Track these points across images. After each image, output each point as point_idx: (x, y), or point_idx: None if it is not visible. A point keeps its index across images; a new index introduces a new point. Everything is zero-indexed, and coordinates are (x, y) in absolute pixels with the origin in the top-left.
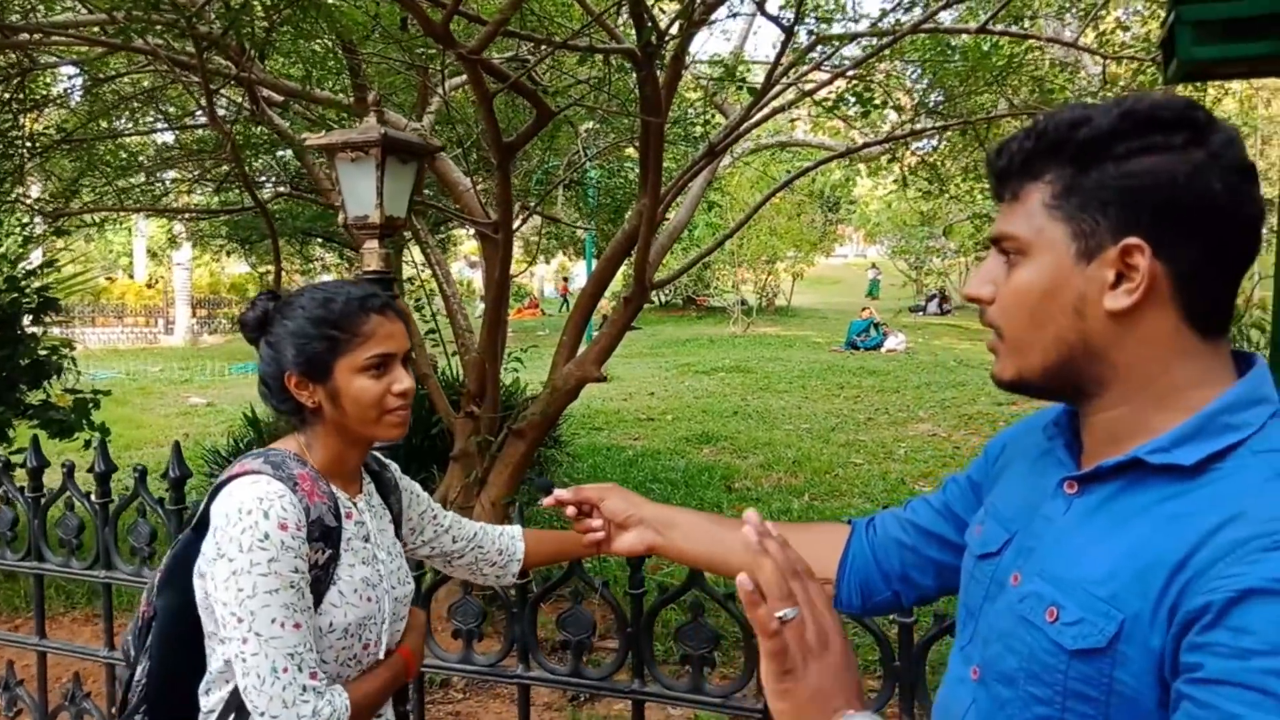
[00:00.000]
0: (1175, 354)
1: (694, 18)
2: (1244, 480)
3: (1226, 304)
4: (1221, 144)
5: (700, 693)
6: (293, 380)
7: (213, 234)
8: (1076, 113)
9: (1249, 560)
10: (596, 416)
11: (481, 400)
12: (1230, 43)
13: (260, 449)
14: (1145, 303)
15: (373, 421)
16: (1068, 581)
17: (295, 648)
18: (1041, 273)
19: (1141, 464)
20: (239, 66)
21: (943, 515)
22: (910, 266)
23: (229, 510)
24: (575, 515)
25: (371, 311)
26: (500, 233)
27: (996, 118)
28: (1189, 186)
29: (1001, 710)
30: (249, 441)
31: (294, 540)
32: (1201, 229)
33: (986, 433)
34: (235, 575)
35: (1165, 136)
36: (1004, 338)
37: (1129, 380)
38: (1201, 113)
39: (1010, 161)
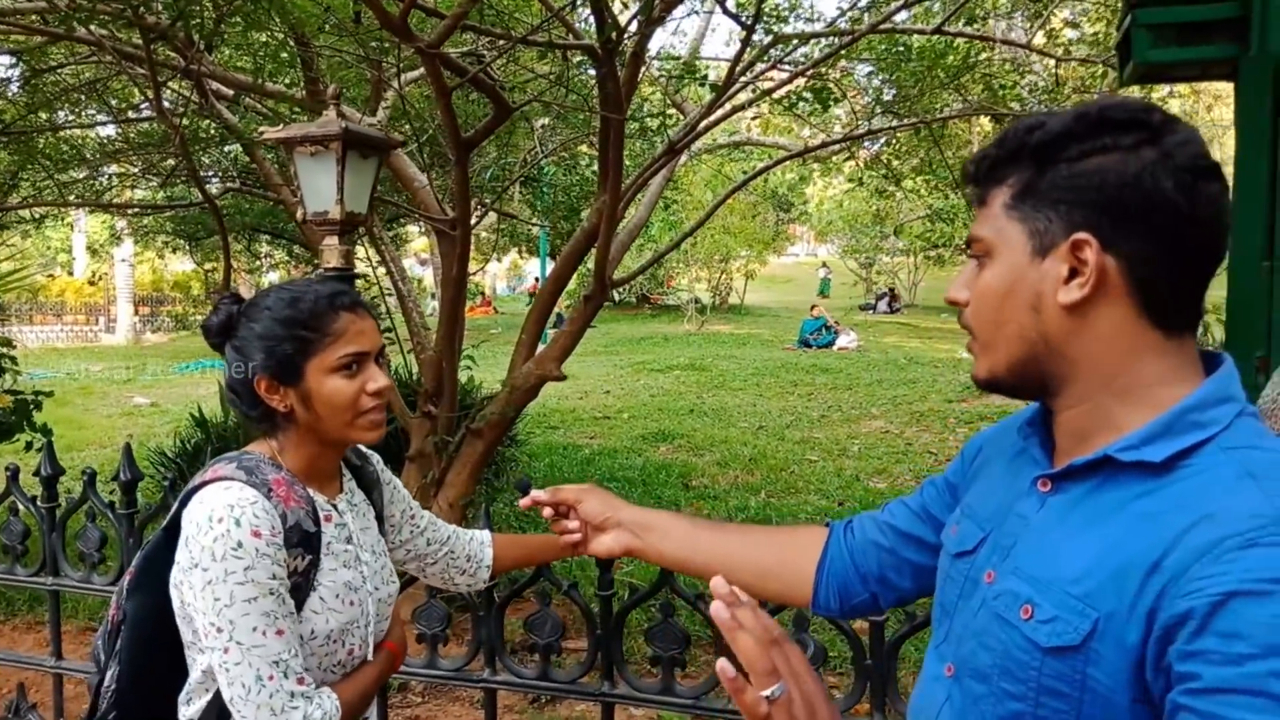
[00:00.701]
0: (1135, 349)
1: (654, 14)
2: (1213, 478)
3: (1190, 301)
4: (1176, 143)
5: (670, 694)
6: (262, 384)
7: (157, 230)
8: (1035, 120)
9: (1226, 560)
10: (552, 415)
11: (438, 399)
12: (1184, 46)
13: (233, 452)
14: (1098, 296)
15: (347, 424)
16: (1043, 579)
17: (279, 654)
18: (1002, 272)
19: (1112, 461)
20: (187, 58)
21: (920, 517)
22: (860, 265)
23: (200, 519)
24: (552, 516)
25: (341, 309)
26: (458, 229)
27: (951, 118)
28: (1137, 184)
29: (975, 706)
30: (196, 442)
31: (269, 547)
32: (1152, 224)
33: (937, 430)
34: (211, 585)
35: (1116, 137)
36: (976, 338)
37: (1090, 375)
38: (1158, 114)
39: (979, 168)
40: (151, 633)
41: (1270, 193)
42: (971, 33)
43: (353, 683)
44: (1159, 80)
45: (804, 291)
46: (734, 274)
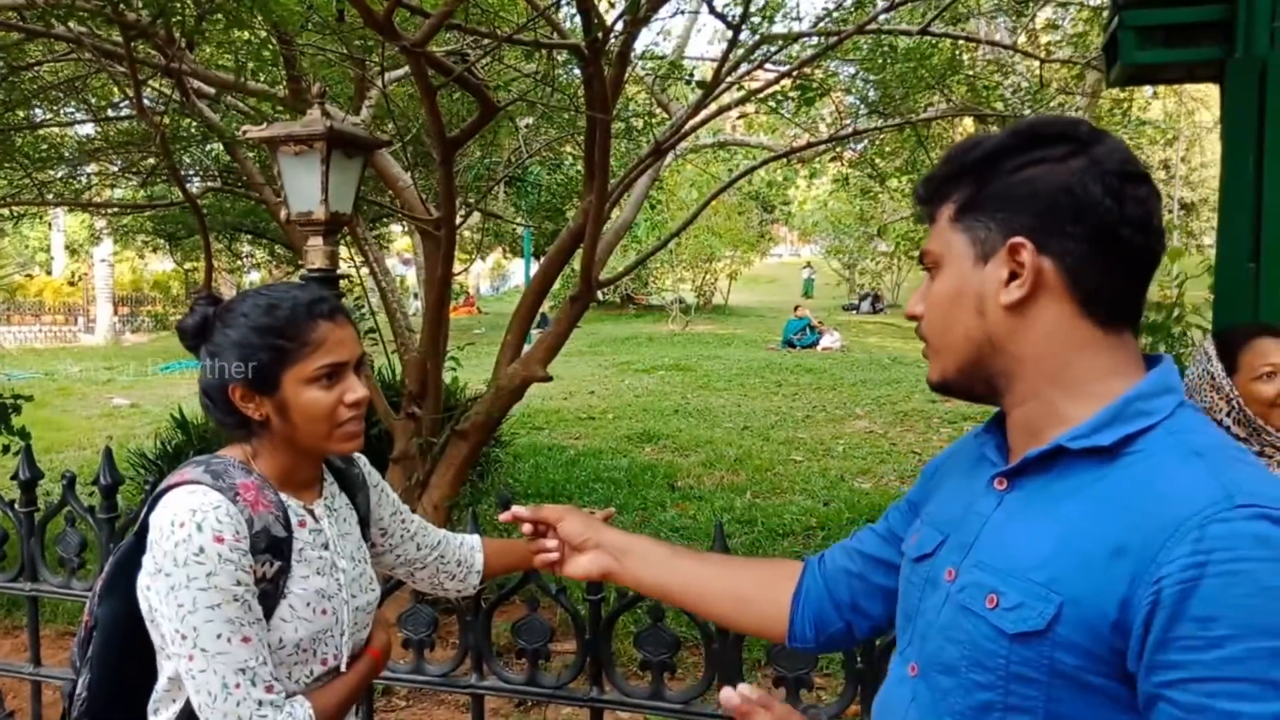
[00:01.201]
0: (1076, 345)
1: (640, 14)
2: (1161, 459)
3: (1126, 298)
4: (1103, 152)
5: (660, 699)
6: (237, 393)
7: (137, 229)
8: (973, 140)
9: (1186, 539)
10: (537, 416)
11: (423, 401)
12: (1171, 48)
13: (202, 456)
14: (1037, 296)
15: (324, 435)
16: (1005, 569)
17: (245, 662)
18: (949, 280)
19: (1064, 451)
20: (168, 56)
21: (886, 540)
22: (844, 266)
23: (163, 523)
24: (531, 534)
25: (320, 318)
26: (443, 229)
27: (936, 118)
28: (1068, 190)
29: (944, 700)
30: (177, 444)
31: (232, 552)
32: (1083, 226)
33: (921, 429)
34: (174, 591)
35: (1047, 150)
36: (929, 344)
37: (1035, 372)
38: (1085, 128)
39: (927, 190)
40: (123, 639)
41: (1256, 194)
42: (957, 33)
43: (330, 691)
44: (1146, 82)
45: (788, 292)
46: (718, 274)
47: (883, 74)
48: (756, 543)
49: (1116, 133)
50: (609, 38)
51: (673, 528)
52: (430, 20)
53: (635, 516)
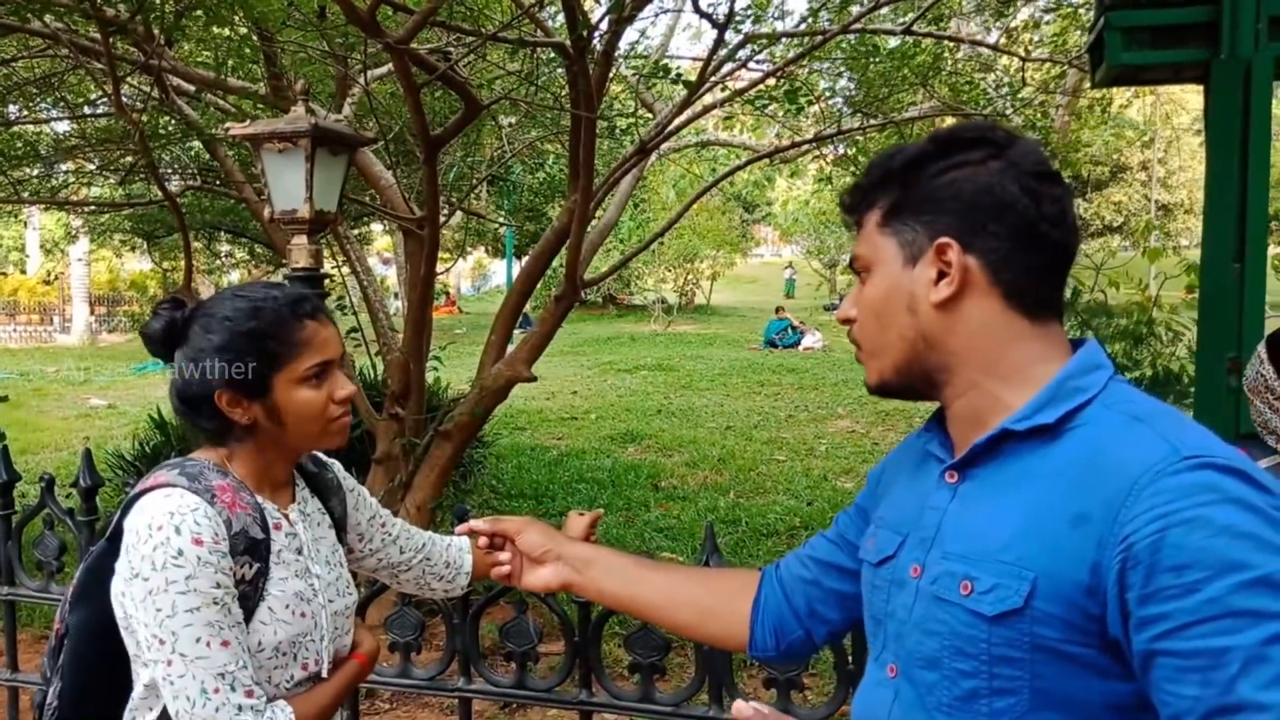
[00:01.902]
0: (1008, 336)
1: (625, 12)
2: (1104, 427)
3: (1048, 289)
4: (1019, 154)
5: (650, 701)
6: (224, 399)
7: (114, 228)
8: (895, 148)
9: (1144, 496)
10: (519, 416)
11: (406, 401)
12: (1157, 49)
13: (177, 459)
14: (965, 292)
15: (316, 434)
16: (974, 555)
17: (225, 666)
18: (880, 283)
19: (1010, 435)
20: (147, 53)
21: (838, 545)
22: (825, 266)
23: (139, 527)
24: (487, 547)
25: (305, 318)
26: (426, 228)
27: (920, 118)
28: (989, 190)
29: (929, 695)
30: (155, 445)
31: (212, 555)
32: (1004, 224)
33: (903, 429)
34: (152, 595)
35: (967, 154)
36: (863, 348)
37: (970, 364)
38: (1000, 133)
39: (853, 198)
40: (95, 646)
41: (1240, 195)
42: (939, 33)
43: (313, 696)
44: (1131, 83)
45: (769, 292)
46: (700, 274)
47: (866, 73)
48: (741, 543)
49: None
50: (594, 36)
51: (656, 528)
52: (414, 17)
53: (619, 517)
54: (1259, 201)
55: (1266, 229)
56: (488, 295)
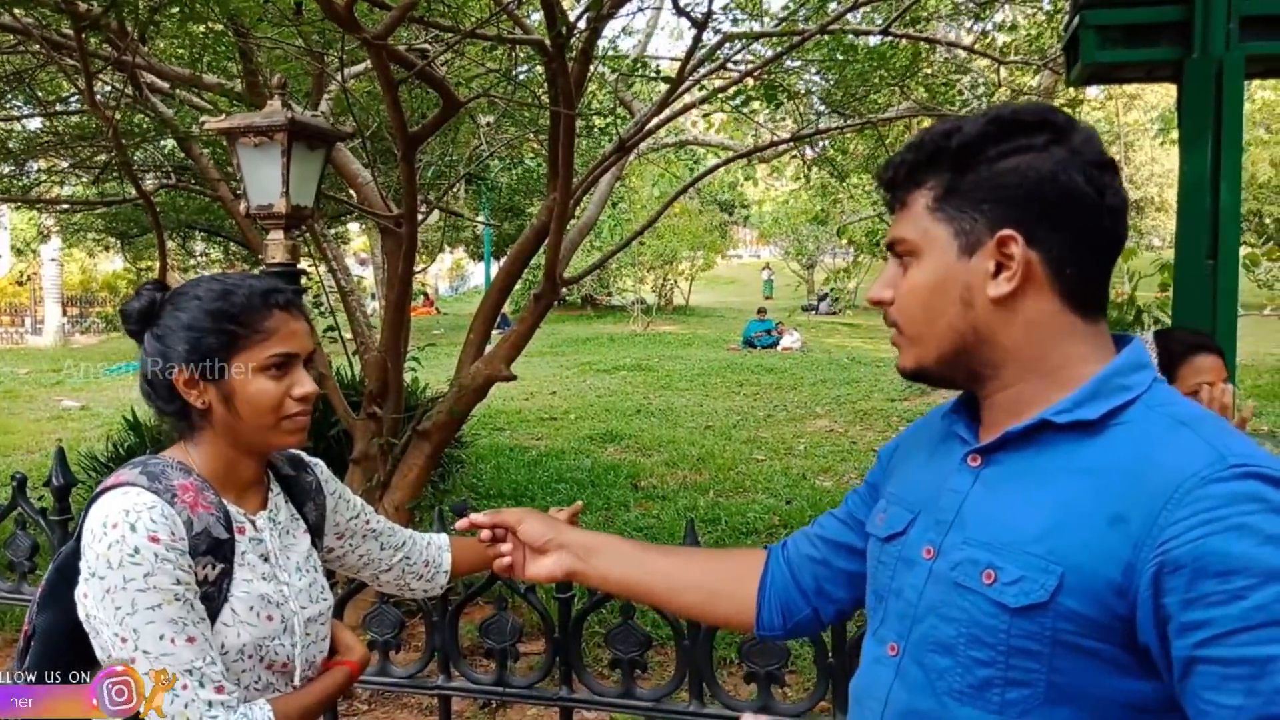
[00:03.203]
0: (1060, 333)
1: (604, 10)
2: (1146, 428)
3: (1101, 286)
4: (1081, 141)
5: (631, 697)
6: (182, 378)
7: (87, 227)
8: (950, 124)
9: (1189, 501)
10: (498, 416)
11: (383, 401)
12: (1130, 48)
13: (140, 458)
14: (1024, 288)
15: (269, 427)
16: (1001, 544)
17: (191, 663)
18: (931, 270)
19: (1048, 425)
20: (120, 49)
21: (848, 525)
22: (803, 267)
23: (94, 526)
24: (489, 539)
25: (275, 307)
26: (404, 226)
27: (898, 118)
28: (1054, 180)
29: (940, 680)
30: (130, 446)
31: (169, 552)
32: (1069, 217)
33: (880, 428)
34: (110, 594)
35: (1029, 138)
36: (903, 332)
37: (1020, 360)
38: (1060, 115)
39: (896, 174)
40: (62, 648)
41: (1213, 193)
42: (916, 34)
43: (295, 699)
44: (1105, 81)
45: (748, 293)
46: (678, 275)
47: (844, 73)
48: (721, 541)
49: None
50: (573, 33)
51: (636, 527)
52: (392, 13)
53: (599, 517)
54: (1230, 199)
55: (1239, 226)
56: (466, 296)
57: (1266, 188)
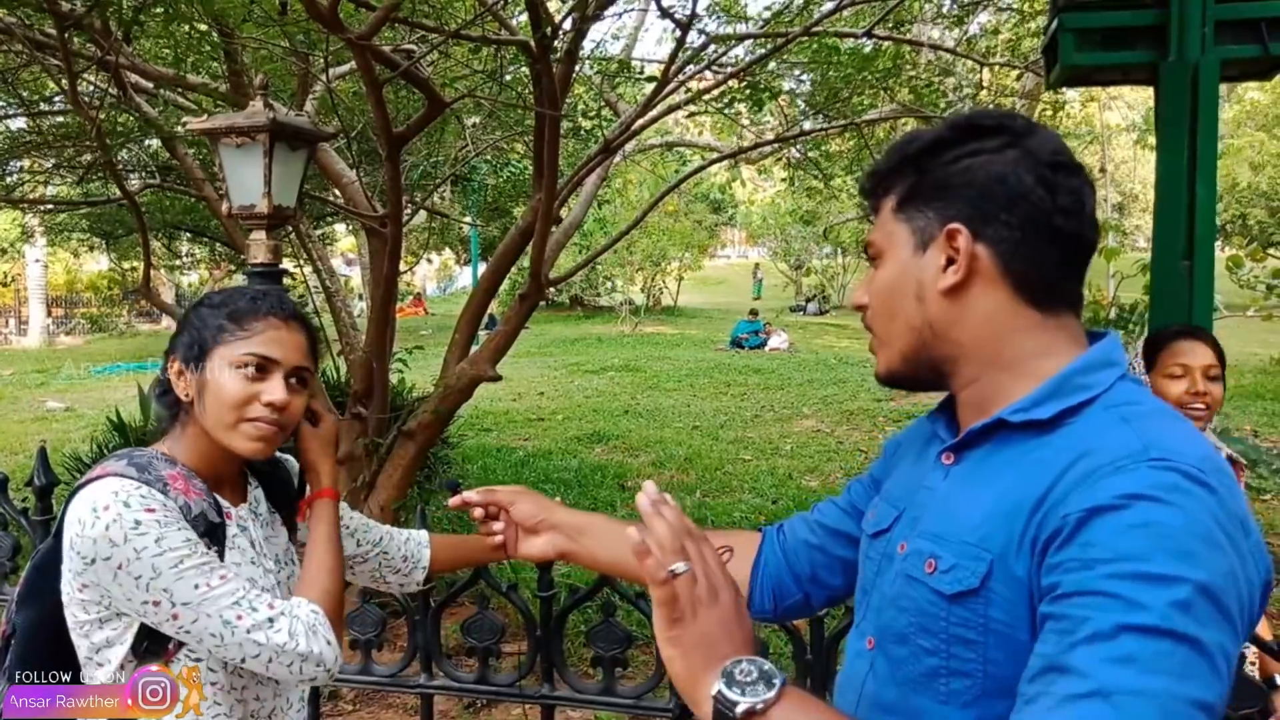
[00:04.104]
0: (1015, 327)
1: (589, 11)
2: (1093, 426)
3: (1061, 281)
4: (1036, 143)
5: (612, 694)
6: (174, 367)
7: (71, 227)
8: (913, 133)
9: (1094, 484)
10: (485, 417)
11: (368, 401)
12: (1107, 51)
13: (123, 450)
14: (973, 281)
15: (228, 426)
16: (944, 535)
17: (234, 594)
18: (891, 269)
19: (1005, 424)
20: (104, 48)
21: (848, 513)
22: (791, 267)
23: (82, 515)
24: (482, 518)
25: (269, 313)
26: (389, 226)
27: (880, 119)
28: (1002, 179)
29: (899, 670)
30: (114, 447)
31: (168, 516)
32: (1016, 214)
33: (867, 428)
34: (123, 568)
35: (983, 141)
36: (876, 336)
37: (977, 354)
38: (1020, 120)
39: (871, 183)
40: (42, 646)
41: (1189, 194)
42: (899, 37)
43: (309, 573)
44: (1083, 83)
45: (737, 293)
46: (667, 275)
47: (828, 76)
48: None
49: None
50: (558, 34)
51: None
52: (375, 14)
53: None
54: (1206, 199)
55: (1214, 227)
56: (454, 296)
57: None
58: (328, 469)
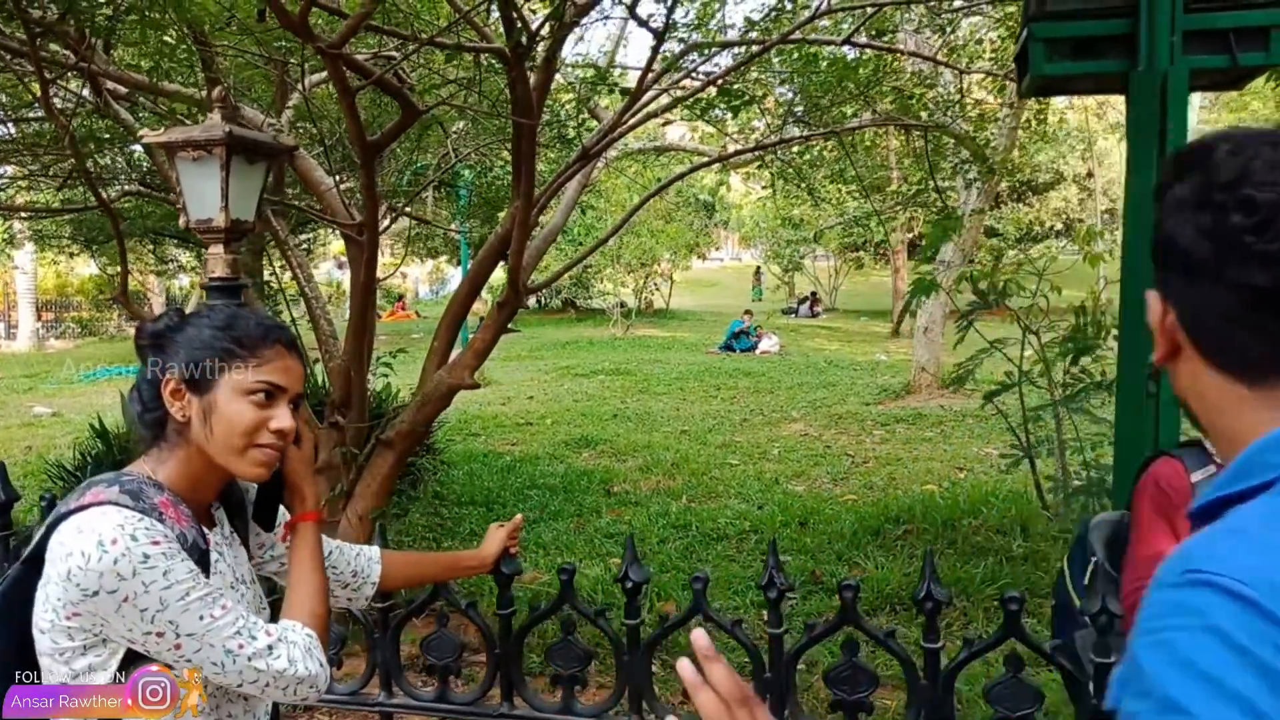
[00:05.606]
0: (1215, 403)
1: (565, 19)
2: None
3: (1261, 342)
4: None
5: (571, 713)
6: (169, 386)
7: (56, 234)
8: None
9: (1145, 604)
10: (473, 422)
11: (347, 409)
12: (1077, 60)
13: (111, 473)
14: (1175, 352)
15: (237, 451)
16: None
17: (235, 624)
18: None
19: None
20: (79, 55)
21: None
22: (783, 270)
23: (86, 548)
24: None
25: (278, 342)
26: (365, 234)
27: (860, 127)
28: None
29: None
30: (96, 454)
31: (172, 548)
32: (1178, 266)
33: (855, 432)
34: (129, 601)
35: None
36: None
37: (1209, 432)
38: (1220, 149)
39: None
40: (9, 676)
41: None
42: (879, 45)
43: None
44: (1056, 92)
45: (730, 295)
46: (658, 277)
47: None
48: (690, 548)
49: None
50: (534, 42)
51: (606, 534)
52: (347, 22)
53: (570, 523)
54: None
55: None
56: (446, 299)
57: None
58: (312, 492)
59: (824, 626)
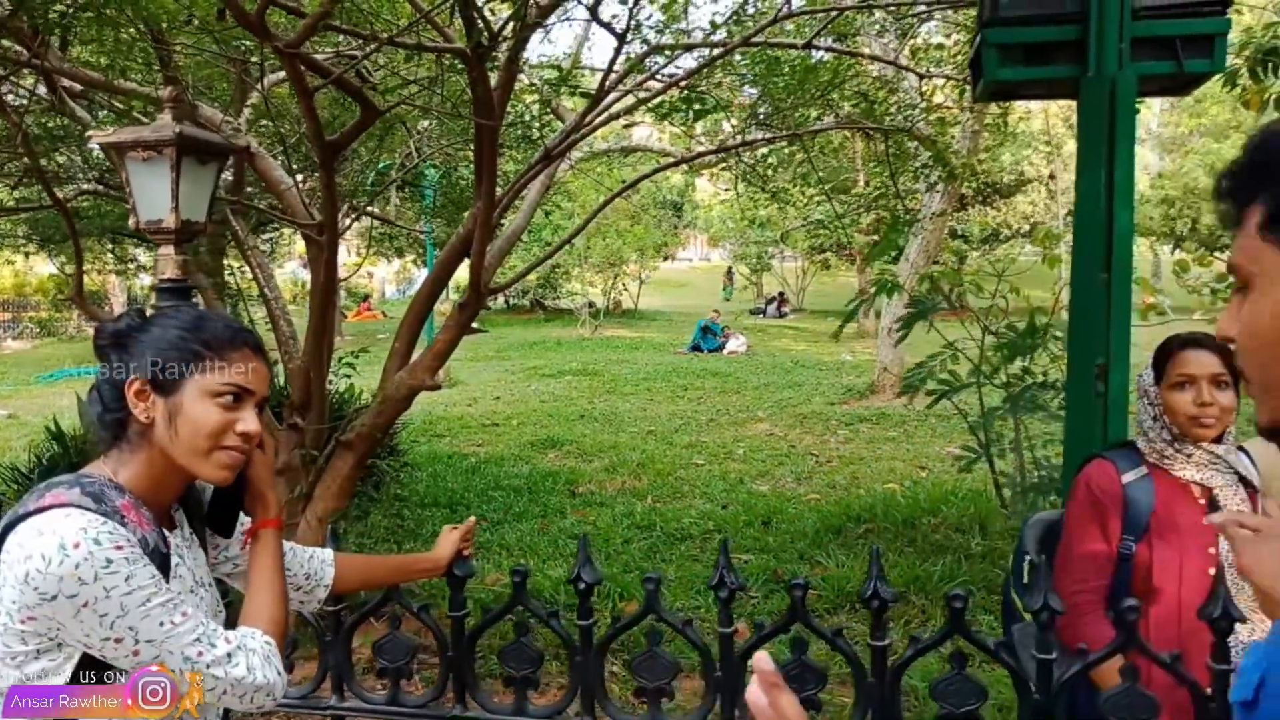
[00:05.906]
0: None
1: (527, 19)
2: None
3: None
4: None
5: (523, 714)
6: (134, 387)
7: (11, 233)
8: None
9: None
10: (438, 423)
11: (306, 411)
12: (1030, 66)
13: (70, 474)
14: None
15: (202, 454)
16: None
17: (195, 630)
18: (1264, 304)
19: None
20: (32, 52)
21: None
22: (751, 270)
23: (46, 550)
24: None
25: (245, 345)
26: (325, 234)
27: (822, 130)
28: None
29: None
30: (52, 456)
31: (134, 552)
32: None
33: (819, 432)
34: (89, 606)
35: None
36: (1250, 381)
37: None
38: None
39: (1230, 183)
40: None
41: (1108, 206)
42: (840, 48)
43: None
44: (1009, 97)
45: (699, 295)
46: (627, 278)
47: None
48: (654, 548)
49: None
50: (496, 43)
51: (571, 535)
52: (305, 21)
53: (534, 524)
54: (1124, 212)
55: (1132, 239)
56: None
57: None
58: (274, 498)
59: (773, 625)
